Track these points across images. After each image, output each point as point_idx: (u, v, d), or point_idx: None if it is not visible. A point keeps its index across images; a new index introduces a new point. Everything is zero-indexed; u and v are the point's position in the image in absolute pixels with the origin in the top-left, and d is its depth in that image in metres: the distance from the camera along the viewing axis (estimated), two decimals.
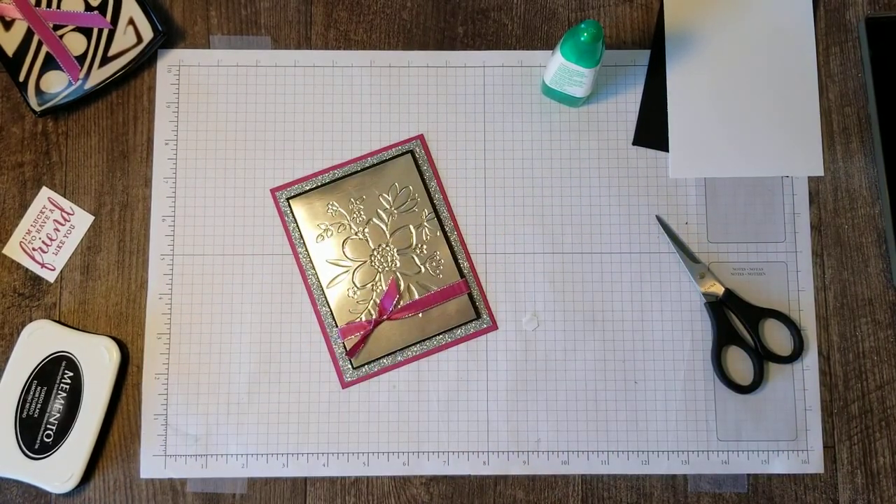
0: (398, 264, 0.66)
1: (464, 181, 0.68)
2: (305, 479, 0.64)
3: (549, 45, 0.70)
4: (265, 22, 0.70)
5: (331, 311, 0.66)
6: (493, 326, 0.66)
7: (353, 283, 0.66)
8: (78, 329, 0.65)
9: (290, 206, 0.67)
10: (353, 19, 0.70)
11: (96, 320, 0.66)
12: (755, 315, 0.66)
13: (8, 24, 0.67)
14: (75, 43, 0.67)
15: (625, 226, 0.67)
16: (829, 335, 0.66)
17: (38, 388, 0.63)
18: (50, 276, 0.65)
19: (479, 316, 0.66)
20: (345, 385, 0.65)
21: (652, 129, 0.69)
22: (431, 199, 0.67)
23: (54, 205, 0.66)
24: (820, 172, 0.68)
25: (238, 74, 0.69)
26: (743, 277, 0.67)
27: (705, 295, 0.66)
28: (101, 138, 0.68)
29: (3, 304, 0.66)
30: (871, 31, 0.68)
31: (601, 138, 0.68)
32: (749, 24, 0.70)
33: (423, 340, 0.66)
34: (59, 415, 0.62)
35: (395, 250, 0.67)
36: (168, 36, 0.69)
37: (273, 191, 0.68)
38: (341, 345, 0.65)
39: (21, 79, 0.66)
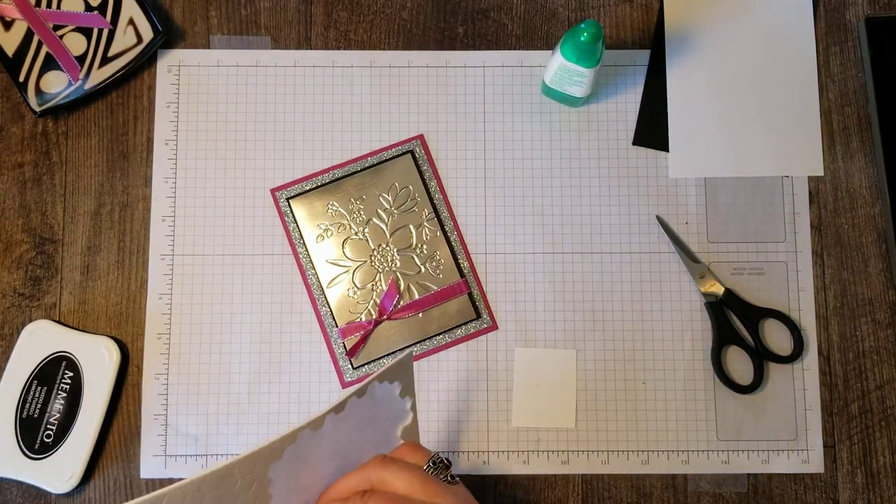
0: (398, 264, 0.66)
1: (464, 181, 0.68)
2: None
3: (549, 45, 0.70)
4: (265, 22, 0.70)
5: (331, 311, 0.66)
6: (494, 326, 0.66)
7: (353, 283, 0.66)
8: (78, 329, 0.65)
9: (290, 206, 0.67)
10: (353, 19, 0.70)
11: (96, 320, 0.66)
12: (755, 315, 0.66)
13: (8, 25, 0.67)
14: (75, 43, 0.67)
15: (625, 225, 0.67)
16: (829, 335, 0.66)
17: (39, 388, 0.63)
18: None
19: (479, 316, 0.66)
20: (345, 385, 0.65)
21: (652, 129, 0.69)
22: (431, 199, 0.67)
23: None
24: (820, 172, 0.68)
25: (238, 74, 0.69)
26: (743, 277, 0.67)
27: (705, 295, 0.66)
28: (101, 138, 0.68)
29: (3, 304, 0.66)
30: (870, 31, 0.68)
31: (601, 138, 0.68)
32: (749, 24, 0.70)
33: (423, 340, 0.66)
34: (59, 415, 0.62)
35: (395, 250, 0.67)
36: (168, 36, 0.69)
37: (273, 191, 0.68)
38: (341, 345, 0.65)
39: (21, 79, 0.66)
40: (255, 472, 0.41)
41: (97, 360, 0.63)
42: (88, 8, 0.67)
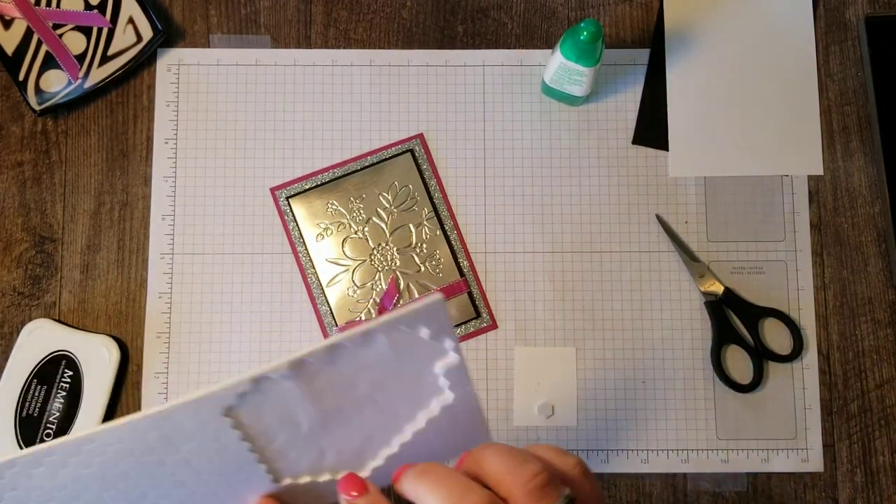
0: (398, 263, 0.67)
1: (463, 180, 0.68)
2: None
3: (548, 44, 0.70)
4: (265, 21, 0.70)
5: (330, 310, 0.66)
6: (493, 325, 0.66)
7: (353, 282, 0.66)
8: (78, 328, 0.65)
9: (289, 204, 0.67)
10: (353, 18, 0.70)
11: (96, 319, 0.66)
12: (755, 314, 0.66)
13: (7, 24, 0.67)
14: (75, 42, 0.67)
15: (624, 224, 0.67)
16: (829, 334, 0.66)
17: (38, 387, 0.63)
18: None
19: (478, 315, 0.66)
20: None
21: (652, 128, 0.69)
22: (431, 198, 0.67)
23: None
24: (819, 171, 0.68)
25: (238, 73, 0.69)
26: (742, 276, 0.67)
27: (705, 294, 0.66)
28: (100, 137, 0.68)
29: (2, 303, 0.66)
30: (870, 30, 0.68)
31: (601, 137, 0.68)
32: (749, 23, 0.70)
33: None
34: (58, 414, 0.63)
35: (394, 249, 0.67)
36: (167, 35, 0.68)
37: (273, 190, 0.68)
38: None
39: (21, 78, 0.66)
40: (202, 415, 0.39)
41: (97, 359, 0.63)
42: (88, 7, 0.67)
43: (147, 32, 0.67)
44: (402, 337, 0.42)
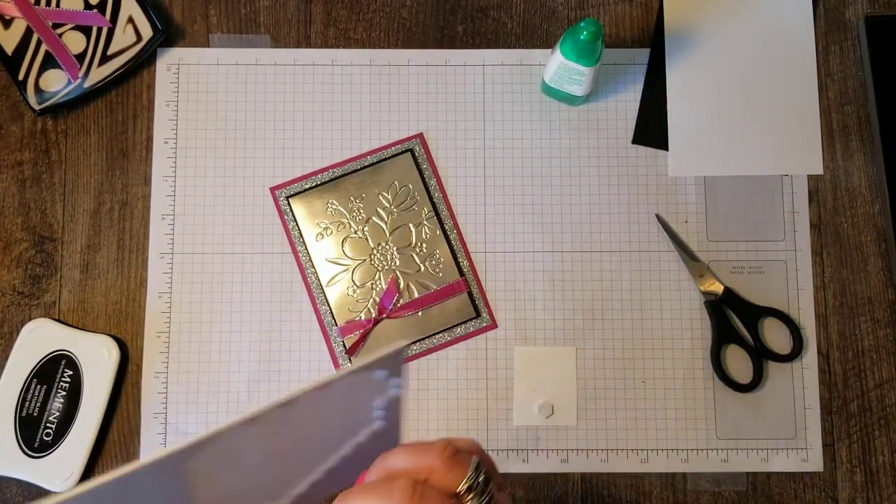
0: (398, 263, 0.67)
1: (463, 180, 0.68)
2: None
3: (548, 43, 0.70)
4: (264, 21, 0.70)
5: (330, 309, 0.66)
6: (493, 325, 0.66)
7: (353, 281, 0.66)
8: (77, 328, 0.65)
9: (289, 204, 0.67)
10: (353, 18, 0.70)
11: (96, 319, 0.66)
12: (754, 314, 0.66)
13: (7, 23, 0.67)
14: (74, 41, 0.67)
15: (624, 224, 0.67)
16: (829, 334, 0.66)
17: (38, 386, 0.63)
18: None
19: (478, 314, 0.66)
20: None
21: (651, 128, 0.69)
22: (431, 198, 0.67)
23: None
24: (819, 171, 0.68)
25: (237, 73, 0.69)
26: (742, 276, 0.67)
27: (705, 294, 0.66)
28: (100, 137, 0.68)
29: (2, 302, 0.66)
30: (870, 30, 0.68)
31: (601, 137, 0.68)
32: (749, 23, 0.70)
33: (423, 339, 0.66)
34: (58, 413, 0.63)
35: (394, 249, 0.67)
36: (167, 35, 0.68)
37: (273, 189, 0.68)
38: (341, 343, 0.65)
39: (20, 77, 0.66)
40: (163, 472, 0.39)
41: (97, 358, 0.63)
42: (88, 6, 0.67)
43: (147, 32, 0.67)
44: (358, 380, 0.43)
